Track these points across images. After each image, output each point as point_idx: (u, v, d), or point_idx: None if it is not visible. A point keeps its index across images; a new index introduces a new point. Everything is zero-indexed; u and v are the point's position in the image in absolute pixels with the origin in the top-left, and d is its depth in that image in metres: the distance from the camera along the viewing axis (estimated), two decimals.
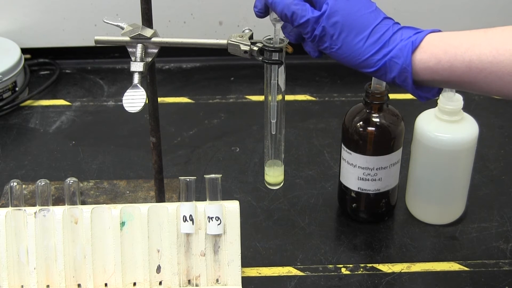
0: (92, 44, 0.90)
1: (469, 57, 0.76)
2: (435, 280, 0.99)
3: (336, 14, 0.78)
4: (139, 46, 0.88)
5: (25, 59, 1.47)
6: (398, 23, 0.80)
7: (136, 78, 0.87)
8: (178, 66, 1.55)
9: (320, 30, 0.78)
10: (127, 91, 0.86)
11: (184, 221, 0.94)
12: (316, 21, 0.78)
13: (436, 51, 0.77)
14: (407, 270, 1.01)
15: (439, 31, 0.80)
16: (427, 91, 0.81)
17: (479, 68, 0.75)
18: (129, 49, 0.89)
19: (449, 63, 0.77)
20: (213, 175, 0.94)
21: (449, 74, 0.77)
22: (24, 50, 1.47)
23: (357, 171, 1.03)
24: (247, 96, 1.43)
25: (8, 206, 0.94)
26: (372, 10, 0.79)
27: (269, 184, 0.95)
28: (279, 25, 0.84)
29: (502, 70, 0.74)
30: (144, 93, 0.86)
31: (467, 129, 1.02)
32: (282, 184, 0.96)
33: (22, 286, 0.94)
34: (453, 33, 0.78)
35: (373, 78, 1.00)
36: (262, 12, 0.83)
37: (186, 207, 0.94)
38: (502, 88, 0.76)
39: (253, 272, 1.00)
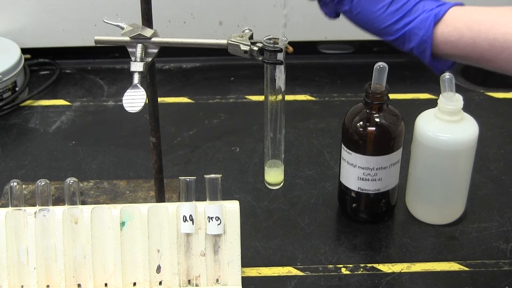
0: (92, 44, 0.90)
1: (493, 35, 0.74)
2: (435, 280, 0.99)
3: None
4: (139, 46, 0.88)
5: (25, 59, 1.47)
6: None
7: (136, 78, 0.87)
8: (178, 66, 1.55)
9: None
10: (127, 91, 0.86)
11: (184, 221, 0.94)
12: None
13: (459, 25, 0.76)
14: (407, 270, 1.01)
15: (462, 4, 0.78)
16: (443, 64, 0.80)
17: (503, 47, 0.74)
18: (129, 49, 0.89)
19: (472, 39, 0.75)
20: (213, 175, 0.94)
21: (470, 50, 0.76)
22: (24, 50, 1.47)
23: (357, 171, 1.03)
24: (247, 96, 1.43)
25: (8, 206, 0.94)
26: None
27: (269, 184, 0.95)
28: None
29: None
30: (144, 93, 0.86)
31: (467, 129, 1.02)
32: (282, 184, 0.96)
33: (22, 286, 0.94)
34: (477, 8, 0.77)
35: (373, 78, 1.00)
36: None
37: (186, 207, 0.94)
38: None
39: (253, 272, 1.00)
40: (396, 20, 0.77)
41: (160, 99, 0.99)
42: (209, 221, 0.94)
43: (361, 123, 1.02)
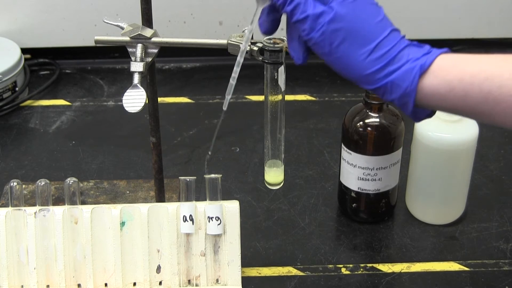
0: (92, 44, 0.90)
1: (488, 88, 0.69)
2: (435, 280, 0.99)
3: (340, 20, 0.71)
4: (139, 46, 0.88)
5: (25, 59, 1.47)
6: (404, 37, 0.73)
7: (136, 78, 0.87)
8: (178, 66, 1.55)
9: (319, 35, 0.72)
10: (127, 91, 0.86)
11: (184, 221, 0.94)
12: (316, 19, 0.72)
13: (449, 77, 0.70)
14: (407, 270, 1.01)
15: (448, 50, 0.73)
16: (422, 112, 0.75)
17: (497, 100, 0.69)
18: (129, 49, 0.88)
19: (464, 91, 0.70)
20: (213, 175, 0.94)
21: (461, 103, 0.71)
22: (24, 50, 1.47)
23: (357, 171, 1.03)
24: (247, 96, 1.43)
25: (8, 206, 0.94)
26: (380, 20, 0.72)
27: (269, 184, 0.95)
28: (262, 4, 0.76)
29: None
30: (144, 93, 0.86)
31: (467, 129, 1.02)
32: (282, 184, 0.96)
33: (22, 286, 0.94)
34: (467, 57, 0.72)
35: None
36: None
37: (186, 207, 0.94)
38: None
39: (253, 272, 1.00)
40: (378, 68, 0.72)
41: (160, 99, 0.99)
42: (209, 221, 0.94)
43: (361, 123, 1.02)
